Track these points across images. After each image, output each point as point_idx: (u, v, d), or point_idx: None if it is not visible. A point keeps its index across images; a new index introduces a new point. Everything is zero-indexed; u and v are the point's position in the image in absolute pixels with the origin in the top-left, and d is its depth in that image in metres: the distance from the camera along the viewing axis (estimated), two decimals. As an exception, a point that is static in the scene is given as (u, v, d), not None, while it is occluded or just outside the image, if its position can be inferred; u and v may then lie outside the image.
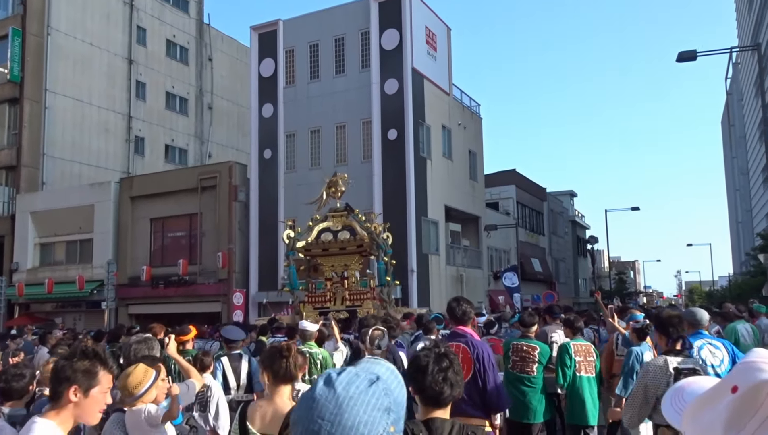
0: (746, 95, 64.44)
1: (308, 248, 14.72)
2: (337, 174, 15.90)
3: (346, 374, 1.10)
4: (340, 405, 1.05)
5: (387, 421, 1.08)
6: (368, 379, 1.09)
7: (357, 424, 1.04)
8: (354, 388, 1.07)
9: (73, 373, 2.49)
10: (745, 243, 63.05)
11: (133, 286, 27.73)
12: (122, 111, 34.71)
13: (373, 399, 1.07)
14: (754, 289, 30.19)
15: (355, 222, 14.68)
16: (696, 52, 19.13)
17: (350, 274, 14.59)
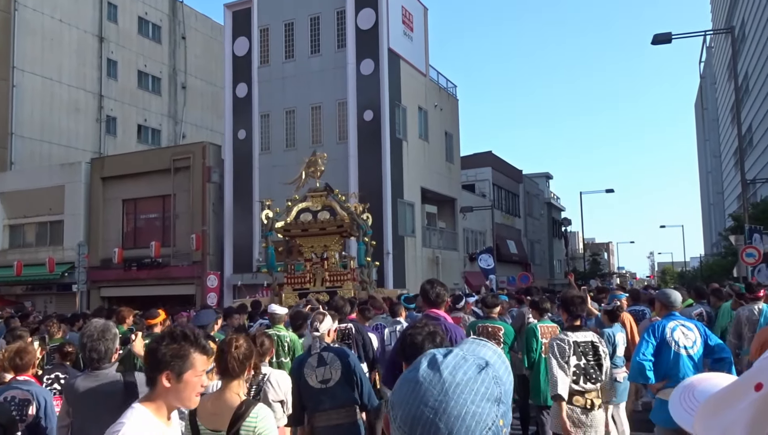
0: (719, 79, 65.10)
1: (287, 229, 14.51)
2: (316, 153, 15.63)
3: (453, 357, 1.01)
4: (446, 392, 0.96)
5: (496, 412, 0.98)
6: (477, 364, 1.00)
7: (464, 414, 0.95)
8: (462, 374, 0.98)
9: (164, 357, 2.41)
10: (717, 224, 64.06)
11: (105, 269, 27.34)
12: (93, 90, 33.98)
13: (482, 387, 0.98)
14: (724, 269, 30.67)
15: (335, 202, 14.49)
16: (671, 35, 19.15)
17: (330, 254, 14.41)
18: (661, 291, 6.46)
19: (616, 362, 7.68)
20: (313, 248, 14.47)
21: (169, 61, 37.84)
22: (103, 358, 3.82)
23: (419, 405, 0.96)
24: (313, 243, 14.47)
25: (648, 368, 5.54)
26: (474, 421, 0.95)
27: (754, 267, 17.73)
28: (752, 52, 44.73)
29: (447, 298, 5.52)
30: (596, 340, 5.34)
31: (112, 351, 3.89)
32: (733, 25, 31.93)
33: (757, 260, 17.51)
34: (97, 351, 3.80)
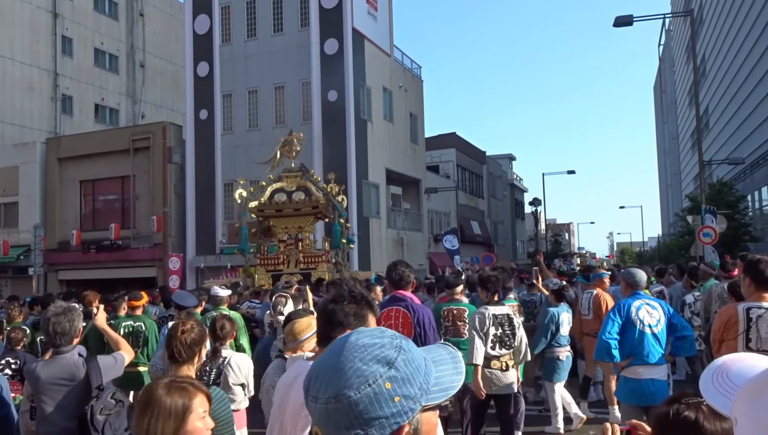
0: (677, 62, 66.27)
1: (261, 209, 14.23)
2: (292, 132, 15.34)
3: (373, 329, 1.07)
4: (341, 349, 1.02)
5: (383, 373, 0.98)
6: (392, 337, 1.04)
7: (347, 368, 0.99)
8: (366, 340, 1.02)
9: (345, 317, 2.45)
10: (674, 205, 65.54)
11: (63, 251, 26.71)
12: (47, 67, 32.92)
13: (377, 350, 1.00)
14: (682, 249, 31.41)
15: (310, 183, 14.27)
16: (632, 18, 19.42)
17: (305, 236, 14.22)
18: (627, 270, 6.53)
19: (560, 341, 7.78)
20: (287, 229, 14.26)
21: (126, 38, 36.84)
22: (67, 333, 3.71)
23: (322, 359, 1.04)
24: (287, 224, 14.26)
25: (614, 347, 5.62)
26: (355, 374, 0.98)
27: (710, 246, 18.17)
28: (710, 35, 45.58)
29: (413, 278, 5.48)
30: (511, 313, 6.29)
31: (77, 329, 3.78)
32: (692, 9, 32.46)
33: (714, 240, 17.94)
34: (61, 326, 3.69)
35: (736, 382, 0.99)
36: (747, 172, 32.67)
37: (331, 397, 0.98)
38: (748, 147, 32.49)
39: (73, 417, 3.53)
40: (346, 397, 0.97)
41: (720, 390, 1.04)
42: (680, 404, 1.59)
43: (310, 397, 1.01)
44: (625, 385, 5.67)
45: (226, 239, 25.45)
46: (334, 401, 0.98)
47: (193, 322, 3.38)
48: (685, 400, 1.60)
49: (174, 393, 2.09)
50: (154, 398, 2.07)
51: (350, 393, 0.97)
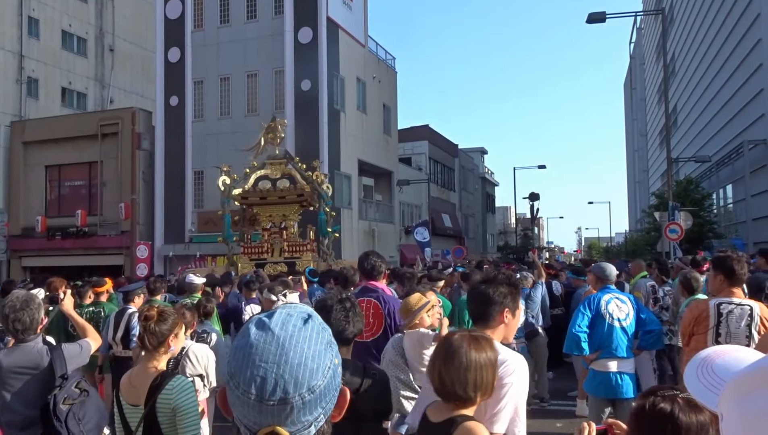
0: (648, 59, 67.16)
1: (245, 196, 13.97)
2: (276, 119, 15.07)
3: (278, 315, 1.05)
4: (282, 344, 1.00)
5: (331, 353, 1.05)
6: (301, 317, 1.06)
7: (304, 360, 1.00)
8: (291, 327, 1.03)
9: (503, 297, 2.74)
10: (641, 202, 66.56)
11: (27, 238, 26.14)
12: (12, 49, 32.04)
13: (314, 334, 1.04)
14: (648, 245, 31.92)
15: (294, 170, 14.01)
16: (605, 14, 19.57)
17: (289, 224, 13.97)
18: (597, 265, 6.61)
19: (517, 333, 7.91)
20: (271, 217, 14.00)
21: (95, 21, 36.03)
22: (28, 328, 3.59)
23: (260, 364, 0.99)
24: (271, 212, 14.01)
25: (583, 340, 5.68)
26: (315, 364, 1.00)
27: (676, 242, 18.48)
28: (680, 34, 46.26)
29: (384, 269, 5.48)
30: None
31: (38, 321, 3.66)
32: (663, 7, 32.90)
33: (680, 236, 18.24)
34: (21, 322, 3.56)
35: (722, 376, 0.97)
36: (713, 170, 33.31)
37: (305, 392, 0.99)
38: (714, 145, 33.10)
39: (36, 406, 3.43)
40: (317, 387, 1.00)
41: (705, 384, 1.01)
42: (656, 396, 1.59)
43: (269, 403, 0.98)
44: (594, 378, 5.74)
45: (195, 228, 25.17)
46: (309, 394, 0.99)
47: (161, 308, 3.30)
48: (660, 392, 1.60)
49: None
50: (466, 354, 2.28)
51: (320, 382, 1.01)
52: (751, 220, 25.50)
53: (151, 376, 3.08)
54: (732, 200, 31.84)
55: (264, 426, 1.00)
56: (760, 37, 24.57)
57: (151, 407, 2.96)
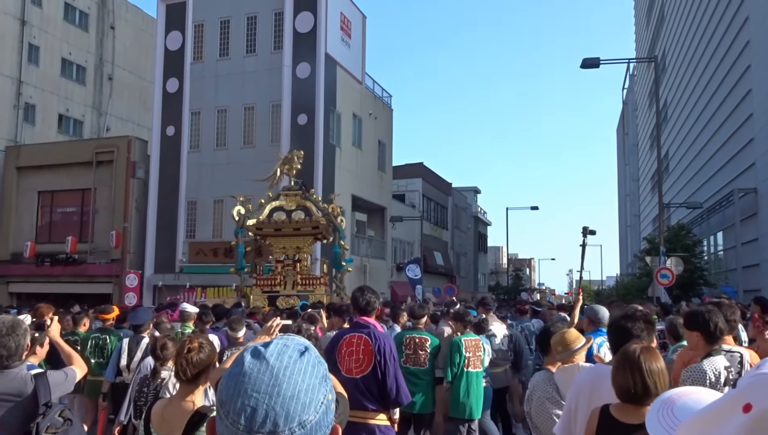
0: (640, 105, 68.10)
1: (259, 227, 13.73)
2: (293, 151, 15.00)
3: (275, 346, 1.03)
4: (276, 375, 0.98)
5: (326, 388, 1.03)
6: (298, 349, 1.04)
7: (298, 393, 0.98)
8: (287, 358, 1.01)
9: (641, 331, 3.19)
10: (633, 246, 66.76)
11: (15, 263, 25.94)
12: (11, 74, 32.24)
13: (309, 367, 1.02)
14: (639, 289, 31.90)
15: (310, 202, 13.86)
16: (599, 60, 19.91)
17: (302, 257, 13.74)
18: (590, 307, 6.56)
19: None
20: (284, 249, 13.77)
21: (95, 50, 36.38)
22: (12, 355, 3.52)
23: (252, 394, 0.97)
24: (285, 244, 13.78)
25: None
26: (308, 398, 0.98)
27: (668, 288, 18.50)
28: (671, 82, 47.03)
29: (378, 305, 5.44)
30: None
31: (23, 347, 3.59)
32: (656, 55, 33.52)
33: (671, 281, 18.27)
34: (6, 347, 3.49)
35: (681, 417, 0.97)
36: (704, 216, 33.51)
37: (295, 427, 0.97)
38: (705, 192, 33.38)
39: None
40: (309, 422, 0.98)
41: (665, 427, 1.01)
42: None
43: (259, 434, 0.95)
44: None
45: (186, 258, 25.04)
46: (299, 429, 0.97)
47: (203, 340, 3.20)
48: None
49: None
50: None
51: (311, 417, 0.98)
52: (741, 268, 25.56)
53: (188, 411, 2.96)
54: (723, 247, 31.98)
55: None
56: (751, 87, 24.99)
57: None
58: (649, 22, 62.76)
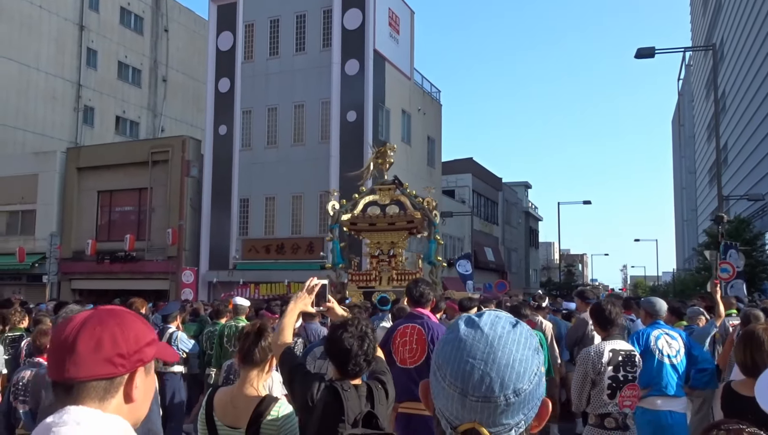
0: (697, 96, 66.11)
1: (354, 222, 13.54)
2: (387, 144, 14.90)
3: (488, 316, 1.07)
4: (491, 344, 1.02)
5: (538, 360, 1.04)
6: (509, 321, 1.07)
7: (512, 361, 1.01)
8: (500, 328, 1.04)
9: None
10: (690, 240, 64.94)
11: (77, 261, 26.84)
12: (71, 78, 33.43)
13: (522, 338, 1.04)
14: (697, 284, 31.03)
15: (404, 196, 13.62)
16: (654, 49, 19.33)
17: (397, 252, 13.49)
18: (646, 299, 6.42)
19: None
20: (379, 244, 13.56)
21: (150, 53, 37.37)
22: None
23: (467, 359, 1.01)
24: (379, 239, 13.57)
25: (631, 377, 5.51)
26: (522, 367, 1.01)
27: (728, 283, 17.91)
28: (730, 70, 45.50)
29: (432, 297, 5.48)
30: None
31: None
32: (714, 42, 32.46)
33: (731, 276, 17.66)
34: None
35: None
36: (765, 209, 32.34)
37: (510, 393, 1.00)
38: (767, 184, 32.20)
39: None
40: (523, 391, 1.01)
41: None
42: (719, 430, 1.52)
43: (472, 398, 1.00)
44: (642, 416, 5.53)
45: (239, 255, 25.48)
46: (513, 396, 1.00)
47: (262, 327, 3.23)
48: (724, 426, 1.53)
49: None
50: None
51: (525, 386, 1.01)
52: (806, 261, 24.60)
53: (253, 399, 2.97)
54: (786, 240, 30.81)
55: (465, 421, 1.01)
56: (816, 73, 23.99)
57: (256, 431, 2.86)
58: (706, 10, 60.82)
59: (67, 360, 1.28)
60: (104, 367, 1.30)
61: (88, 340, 1.29)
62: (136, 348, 1.34)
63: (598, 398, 4.53)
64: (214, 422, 2.99)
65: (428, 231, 13.74)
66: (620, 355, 4.62)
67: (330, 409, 2.68)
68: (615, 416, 4.53)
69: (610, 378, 4.54)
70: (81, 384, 1.29)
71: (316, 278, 2.99)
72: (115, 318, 1.37)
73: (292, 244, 24.67)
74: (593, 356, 4.57)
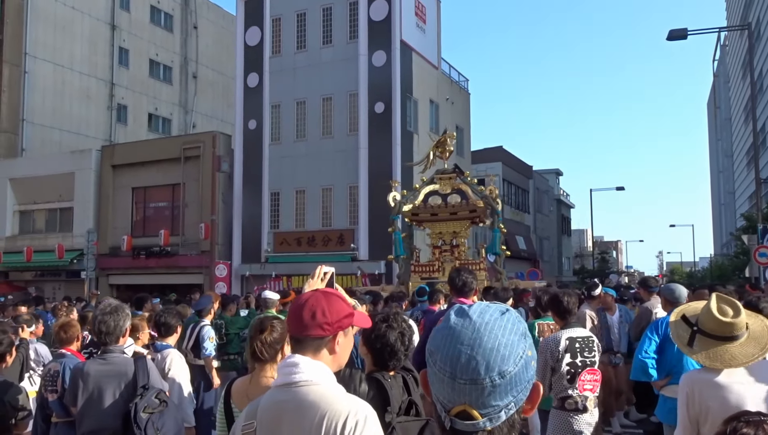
0: (733, 77, 64.53)
1: (415, 213, 13.41)
2: (446, 132, 14.70)
3: (477, 306, 1.15)
4: (478, 329, 1.09)
5: (524, 344, 1.11)
6: (499, 310, 1.14)
7: (497, 345, 1.08)
8: (488, 316, 1.12)
9: None
10: (728, 225, 63.61)
11: (114, 256, 27.38)
12: (104, 78, 34.02)
13: (509, 324, 1.11)
14: (736, 269, 30.42)
15: (465, 185, 13.39)
16: (686, 31, 18.96)
17: (460, 242, 13.28)
18: (666, 286, 6.34)
19: None
20: (441, 235, 13.41)
21: (180, 50, 37.82)
22: (110, 332, 3.78)
23: (456, 345, 1.09)
24: (441, 229, 13.40)
25: (651, 366, 5.40)
26: (507, 350, 1.08)
27: (766, 267, 17.54)
28: (767, 50, 44.29)
29: (475, 286, 5.47)
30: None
31: (122, 329, 3.85)
32: (750, 22, 31.61)
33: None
34: (106, 324, 3.76)
35: None
36: (806, 191, 31.48)
37: (495, 376, 1.07)
38: (807, 165, 31.34)
39: (117, 414, 3.59)
40: (508, 373, 1.08)
41: None
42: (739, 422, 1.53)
43: (461, 381, 1.07)
44: (664, 405, 5.44)
45: (271, 248, 25.73)
46: (499, 378, 1.07)
47: (275, 321, 3.34)
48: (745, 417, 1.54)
49: None
50: None
51: (510, 368, 1.08)
52: None
53: (266, 389, 3.09)
54: (828, 223, 29.97)
55: (456, 404, 1.09)
56: None
57: None
58: (741, -12, 59.13)
59: (297, 323, 1.97)
60: (316, 330, 1.95)
61: (308, 311, 1.96)
62: (337, 318, 1.97)
63: (559, 383, 4.79)
64: (231, 410, 3.10)
65: (492, 219, 13.44)
66: (577, 342, 4.87)
67: (376, 399, 2.74)
68: (575, 399, 4.80)
69: (568, 364, 4.80)
70: (303, 339, 1.97)
71: (324, 266, 3.07)
72: (326, 298, 2.02)
73: (323, 236, 24.82)
74: (551, 344, 4.83)
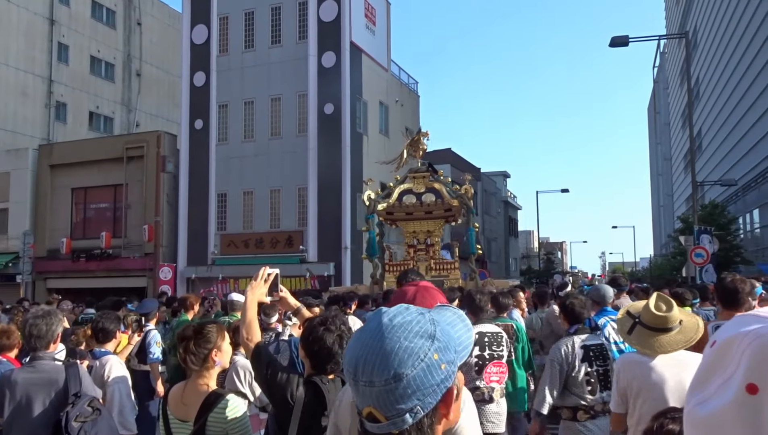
0: (671, 83, 66.80)
1: (390, 211, 13.21)
2: (421, 131, 14.63)
3: (398, 308, 1.12)
4: (382, 332, 1.07)
5: (429, 347, 1.06)
6: (419, 312, 1.11)
7: (396, 349, 1.05)
8: (400, 319, 1.09)
9: None
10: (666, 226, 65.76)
11: (52, 259, 26.48)
12: (42, 74, 32.83)
13: (417, 327, 1.08)
14: (673, 269, 31.44)
15: (440, 183, 13.26)
16: (628, 38, 19.51)
17: (434, 241, 13.24)
18: (594, 287, 6.61)
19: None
20: (415, 234, 13.33)
21: (123, 47, 36.82)
22: (42, 337, 3.61)
23: (359, 347, 1.08)
24: (415, 228, 13.32)
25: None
26: (406, 354, 1.04)
27: (702, 267, 18.16)
28: (704, 58, 45.97)
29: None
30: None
31: (54, 334, 3.69)
32: (687, 31, 32.78)
33: (705, 260, 17.93)
34: (37, 328, 3.60)
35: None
36: (739, 194, 32.83)
37: (390, 379, 1.04)
38: (740, 169, 32.66)
39: (47, 424, 3.41)
40: (404, 376, 1.04)
41: None
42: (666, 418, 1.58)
43: (361, 383, 1.06)
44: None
45: (218, 250, 25.32)
46: (393, 382, 1.04)
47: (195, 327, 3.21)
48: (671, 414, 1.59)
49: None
50: None
51: (407, 371, 1.04)
52: (780, 245, 25.01)
53: (202, 394, 3.03)
54: (759, 225, 31.28)
55: (363, 407, 1.08)
56: (787, 59, 24.31)
57: (202, 425, 2.92)
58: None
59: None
60: None
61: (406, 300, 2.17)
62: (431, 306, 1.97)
63: (469, 374, 5.04)
64: (167, 415, 3.08)
65: (467, 218, 13.35)
66: (486, 337, 5.19)
67: (312, 404, 2.72)
68: (482, 390, 5.10)
69: (476, 357, 5.12)
70: None
71: (268, 268, 3.02)
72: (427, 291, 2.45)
73: (271, 238, 24.55)
74: None
